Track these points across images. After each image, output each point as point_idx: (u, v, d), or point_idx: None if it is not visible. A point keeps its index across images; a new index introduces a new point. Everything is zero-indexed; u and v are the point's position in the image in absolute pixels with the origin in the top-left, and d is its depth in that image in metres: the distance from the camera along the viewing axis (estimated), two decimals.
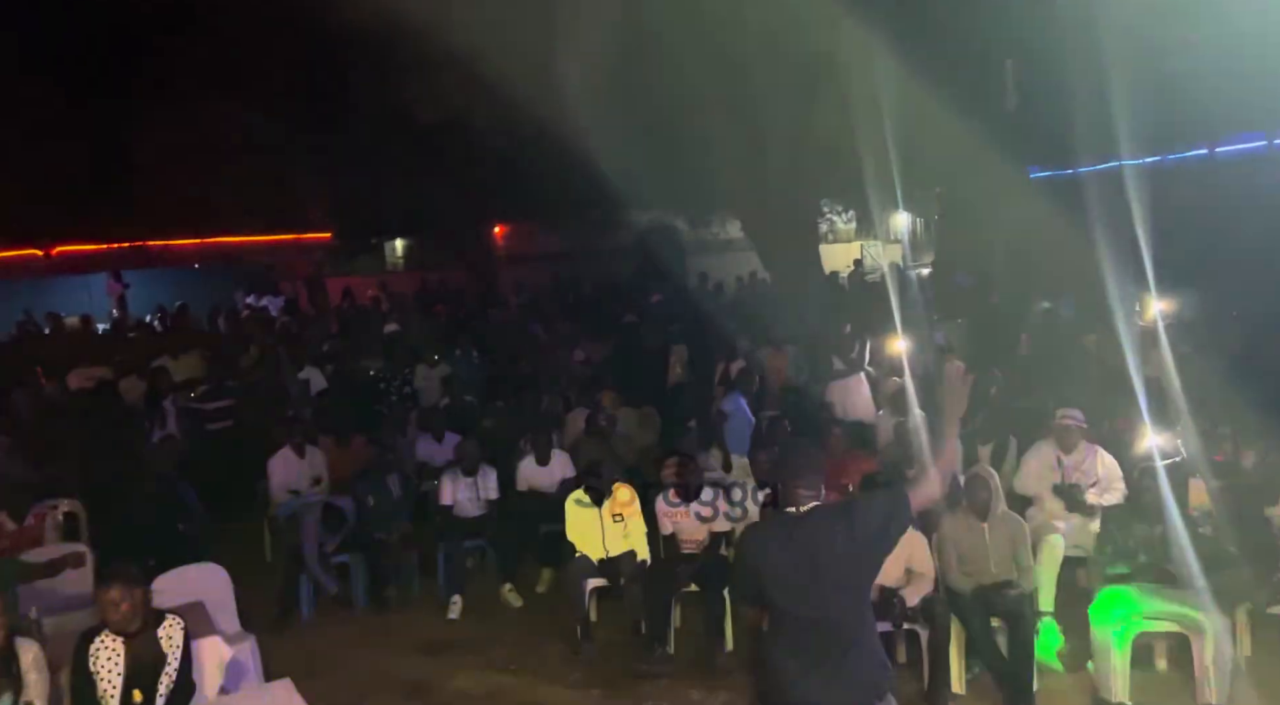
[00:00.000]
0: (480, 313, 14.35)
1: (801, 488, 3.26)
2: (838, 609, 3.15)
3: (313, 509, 6.77)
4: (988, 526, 5.15)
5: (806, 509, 3.24)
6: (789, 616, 3.18)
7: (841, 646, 3.14)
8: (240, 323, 13.82)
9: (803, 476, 3.28)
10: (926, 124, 11.25)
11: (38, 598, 5.18)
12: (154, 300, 17.28)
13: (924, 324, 9.61)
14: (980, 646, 4.93)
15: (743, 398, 7.82)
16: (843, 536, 3.14)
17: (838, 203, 19.49)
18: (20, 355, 11.41)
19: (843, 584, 3.15)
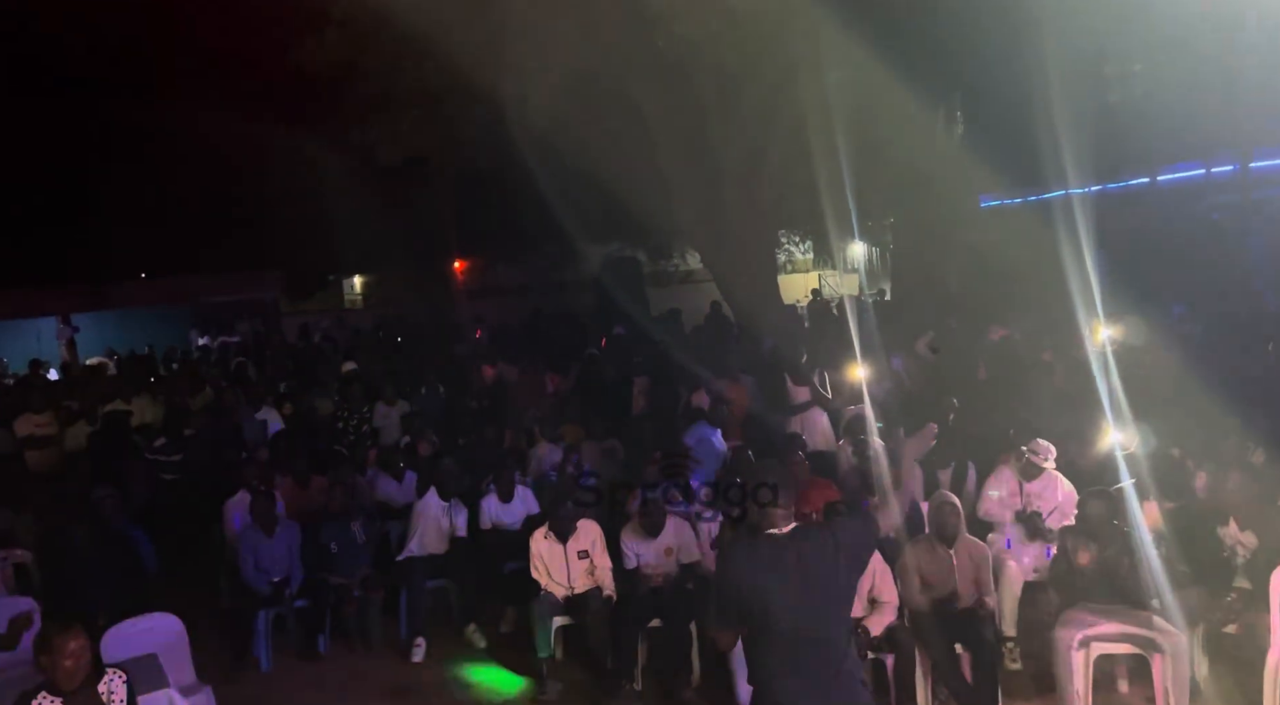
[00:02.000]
0: (441, 348, 14.25)
1: (778, 508, 3.25)
2: (832, 627, 3.19)
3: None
4: (954, 553, 5.19)
5: (789, 529, 3.24)
6: (785, 638, 3.15)
7: (834, 665, 3.17)
8: (194, 363, 13.58)
9: (778, 498, 3.27)
10: (879, 154, 11.50)
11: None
12: (104, 343, 16.92)
13: (881, 352, 9.73)
14: (945, 672, 4.95)
15: (709, 428, 7.82)
16: (830, 556, 3.18)
17: (795, 233, 19.74)
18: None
19: (834, 602, 3.22)
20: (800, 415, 8.13)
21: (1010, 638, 5.51)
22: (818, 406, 8.20)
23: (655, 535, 6.06)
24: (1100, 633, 4.88)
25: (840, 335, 11.26)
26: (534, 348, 12.85)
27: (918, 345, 10.06)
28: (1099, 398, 6.99)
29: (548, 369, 11.06)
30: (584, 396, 9.92)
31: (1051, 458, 6.04)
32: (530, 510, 7.16)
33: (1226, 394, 6.61)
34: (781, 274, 16.22)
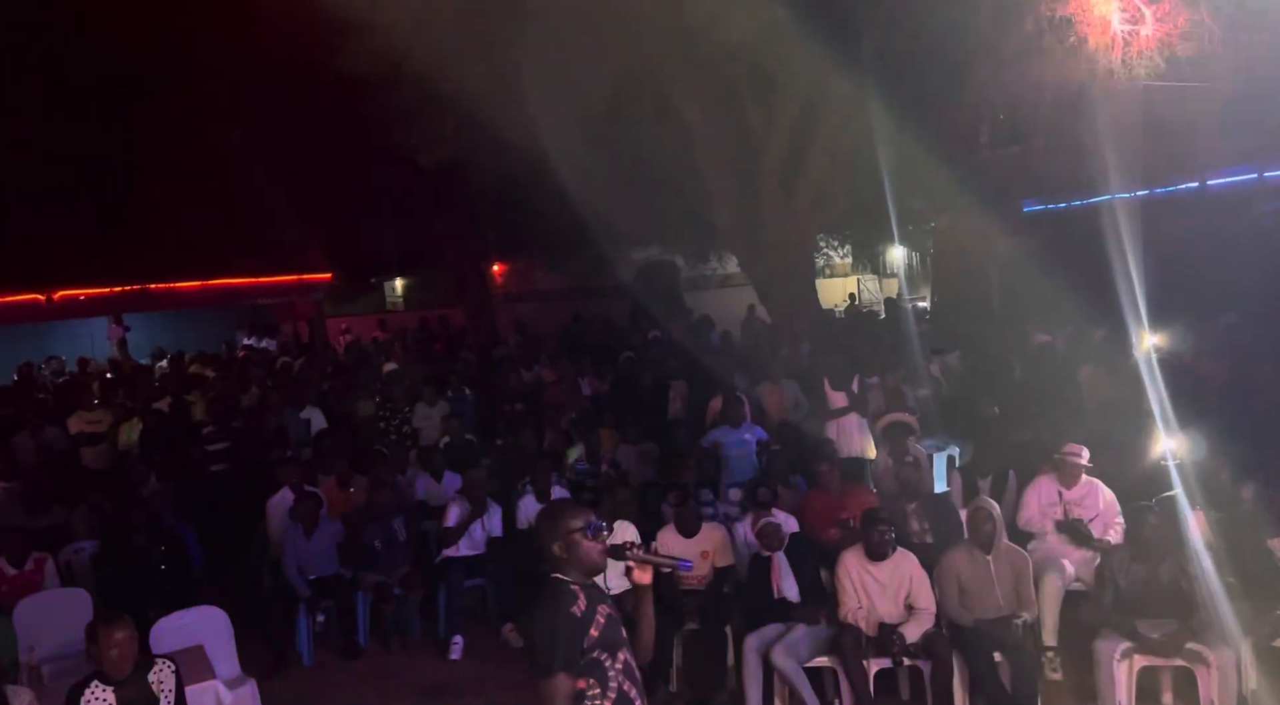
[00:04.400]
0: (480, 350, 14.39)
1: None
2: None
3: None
4: (992, 559, 5.14)
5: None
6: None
7: None
8: (240, 363, 13.87)
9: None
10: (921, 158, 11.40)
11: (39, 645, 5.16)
12: (154, 343, 17.33)
13: (920, 358, 9.65)
14: (984, 681, 4.90)
15: (736, 429, 7.80)
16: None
17: (833, 237, 19.63)
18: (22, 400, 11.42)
19: None
20: (837, 420, 8.09)
21: (1051, 647, 5.44)
22: (855, 412, 8.15)
23: (690, 537, 6.08)
24: (1146, 645, 4.79)
25: (878, 340, 11.20)
26: (571, 351, 12.92)
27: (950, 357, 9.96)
28: (1146, 406, 6.88)
29: (584, 372, 11.12)
30: (620, 400, 9.97)
31: (1085, 454, 5.95)
32: None
33: (1276, 403, 6.46)
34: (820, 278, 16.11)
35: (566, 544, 2.95)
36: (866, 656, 5.06)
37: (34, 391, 12.36)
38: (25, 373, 13.64)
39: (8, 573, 6.02)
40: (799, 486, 7.03)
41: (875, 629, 5.09)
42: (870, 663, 5.06)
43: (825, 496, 6.43)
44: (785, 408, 8.87)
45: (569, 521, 2.99)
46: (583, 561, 2.96)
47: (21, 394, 12.05)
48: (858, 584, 5.19)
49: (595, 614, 2.91)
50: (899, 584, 5.15)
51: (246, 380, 11.57)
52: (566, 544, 2.95)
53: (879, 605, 5.14)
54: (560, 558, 2.96)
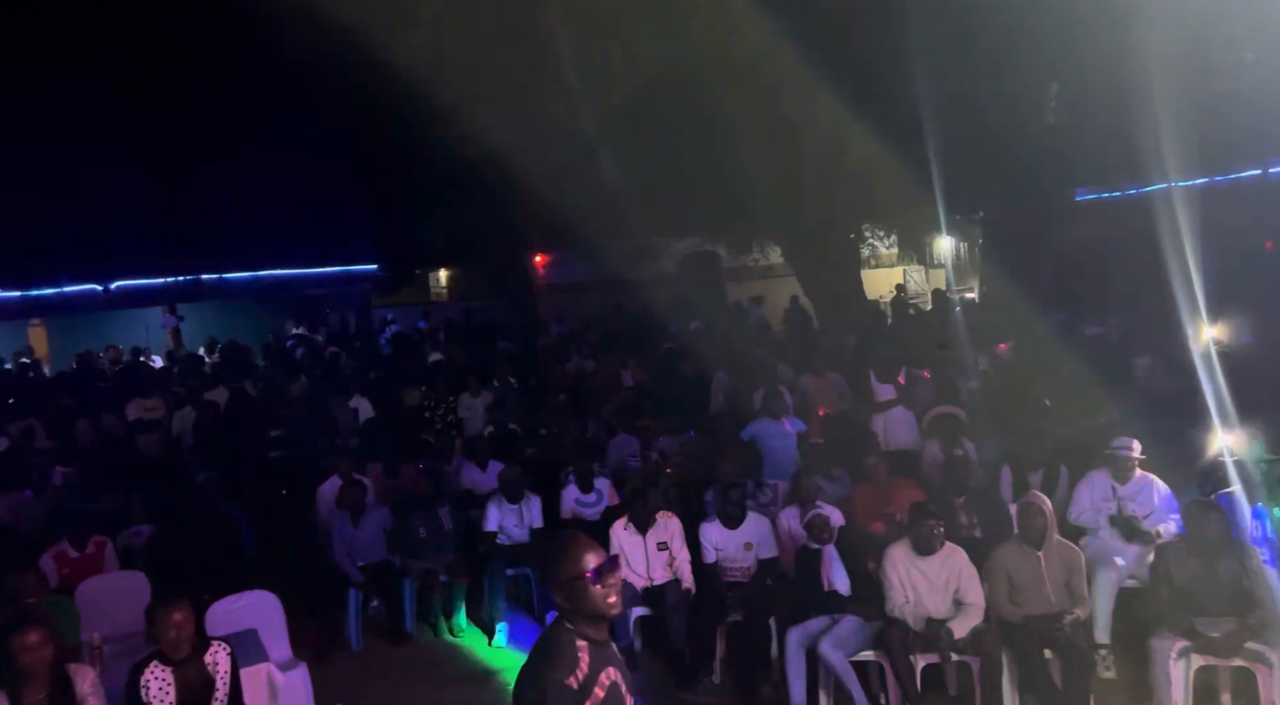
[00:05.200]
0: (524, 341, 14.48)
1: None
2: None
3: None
4: (1043, 555, 5.05)
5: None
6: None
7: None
8: (290, 353, 14.13)
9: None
10: (970, 145, 11.20)
11: (99, 626, 5.30)
12: (207, 332, 17.73)
13: (968, 350, 9.50)
14: (1034, 679, 4.82)
15: (776, 421, 7.75)
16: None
17: (879, 227, 19.40)
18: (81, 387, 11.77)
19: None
20: (884, 413, 8.00)
21: (1104, 645, 5.33)
22: (903, 404, 8.05)
23: (734, 528, 6.06)
24: (1204, 645, 4.67)
25: (925, 332, 11.05)
26: (612, 342, 12.94)
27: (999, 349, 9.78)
28: (1203, 400, 6.70)
29: (625, 363, 11.14)
30: (661, 391, 9.96)
31: (1137, 447, 5.80)
32: (609, 501, 7.24)
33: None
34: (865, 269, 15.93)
35: (569, 592, 2.56)
36: (913, 651, 5.00)
37: (93, 379, 12.72)
38: (85, 361, 14.02)
39: (70, 555, 6.21)
40: (843, 480, 6.98)
41: (922, 624, 5.03)
42: (917, 658, 5.00)
43: (871, 490, 6.37)
44: (830, 400, 8.79)
45: (570, 566, 2.57)
46: (589, 611, 2.56)
47: (82, 382, 12.41)
48: (904, 578, 5.13)
49: (594, 683, 2.51)
50: (947, 579, 5.08)
51: (295, 370, 11.78)
52: (569, 592, 2.56)
53: (926, 600, 5.08)
54: (563, 606, 2.59)
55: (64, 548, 6.22)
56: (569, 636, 2.56)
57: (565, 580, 2.57)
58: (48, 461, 8.08)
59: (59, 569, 6.12)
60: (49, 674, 3.86)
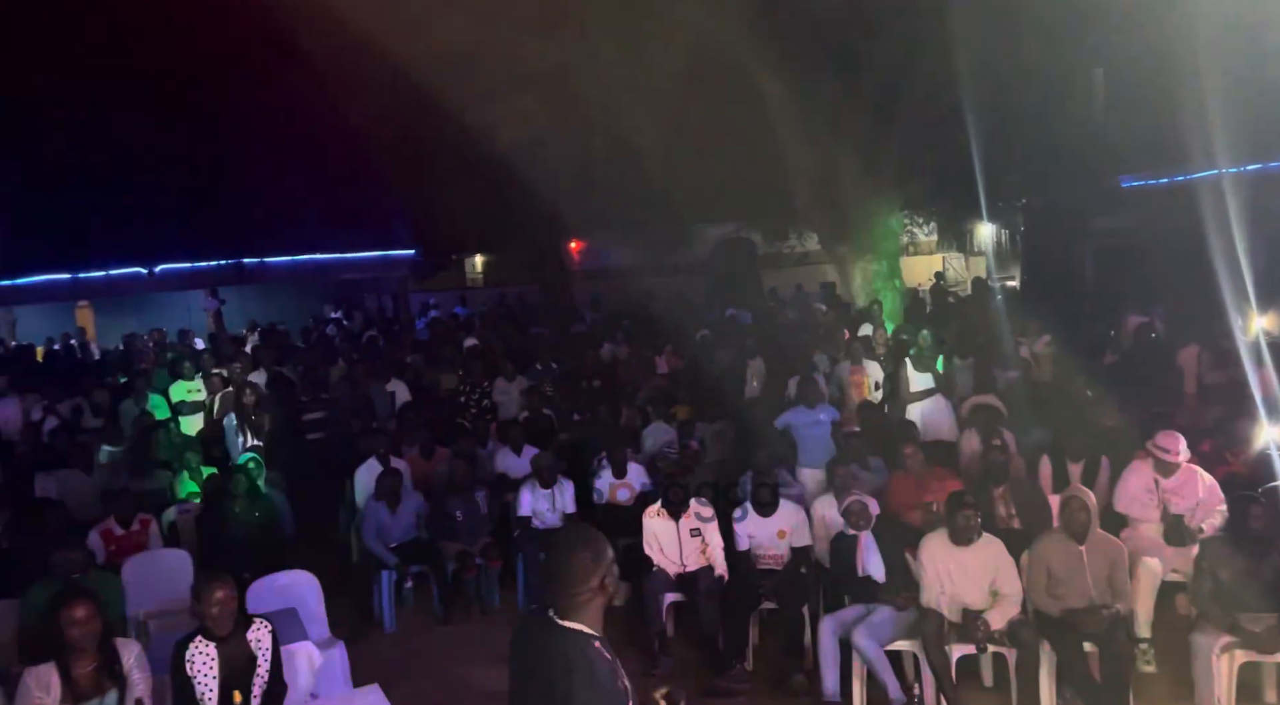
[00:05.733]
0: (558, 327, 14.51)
1: (552, 596, 2.59)
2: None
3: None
4: (1085, 549, 4.97)
5: (553, 616, 2.58)
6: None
7: None
8: (328, 337, 14.30)
9: (549, 586, 2.60)
10: (1013, 131, 11.00)
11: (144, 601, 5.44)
12: (247, 315, 18.02)
13: (1009, 339, 9.35)
14: (1072, 671, 4.75)
15: (811, 410, 7.69)
16: (545, 682, 2.51)
17: (918, 214, 19.14)
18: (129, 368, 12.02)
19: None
20: (922, 403, 7.91)
21: (1144, 639, 5.25)
22: (941, 394, 7.95)
23: (768, 516, 6.04)
24: (1248, 640, 4.58)
25: (965, 321, 10.90)
26: (646, 329, 12.92)
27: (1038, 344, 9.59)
28: (1250, 392, 6.54)
29: (659, 350, 11.12)
30: (696, 378, 9.94)
31: (1181, 448, 5.66)
32: (643, 488, 7.25)
33: None
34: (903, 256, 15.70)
35: (600, 587, 2.55)
36: (949, 642, 4.96)
37: (139, 361, 12.98)
38: (131, 343, 14.31)
39: (116, 532, 6.36)
40: (879, 469, 6.92)
41: (959, 614, 4.99)
42: (953, 648, 4.96)
43: (908, 479, 6.31)
44: (866, 388, 8.72)
45: (606, 562, 2.58)
46: (601, 609, 2.59)
47: (128, 363, 12.67)
48: (941, 569, 5.08)
49: (617, 676, 2.55)
50: (984, 570, 5.02)
51: (334, 353, 11.92)
52: (600, 587, 2.55)
53: (963, 591, 5.03)
54: (581, 601, 2.55)
55: (110, 525, 6.37)
56: (588, 640, 2.54)
57: (602, 575, 2.57)
58: (94, 440, 8.27)
59: (106, 546, 6.28)
60: (97, 647, 3.96)
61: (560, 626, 2.54)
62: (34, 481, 7.51)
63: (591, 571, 2.56)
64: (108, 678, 3.97)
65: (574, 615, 2.54)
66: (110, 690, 3.96)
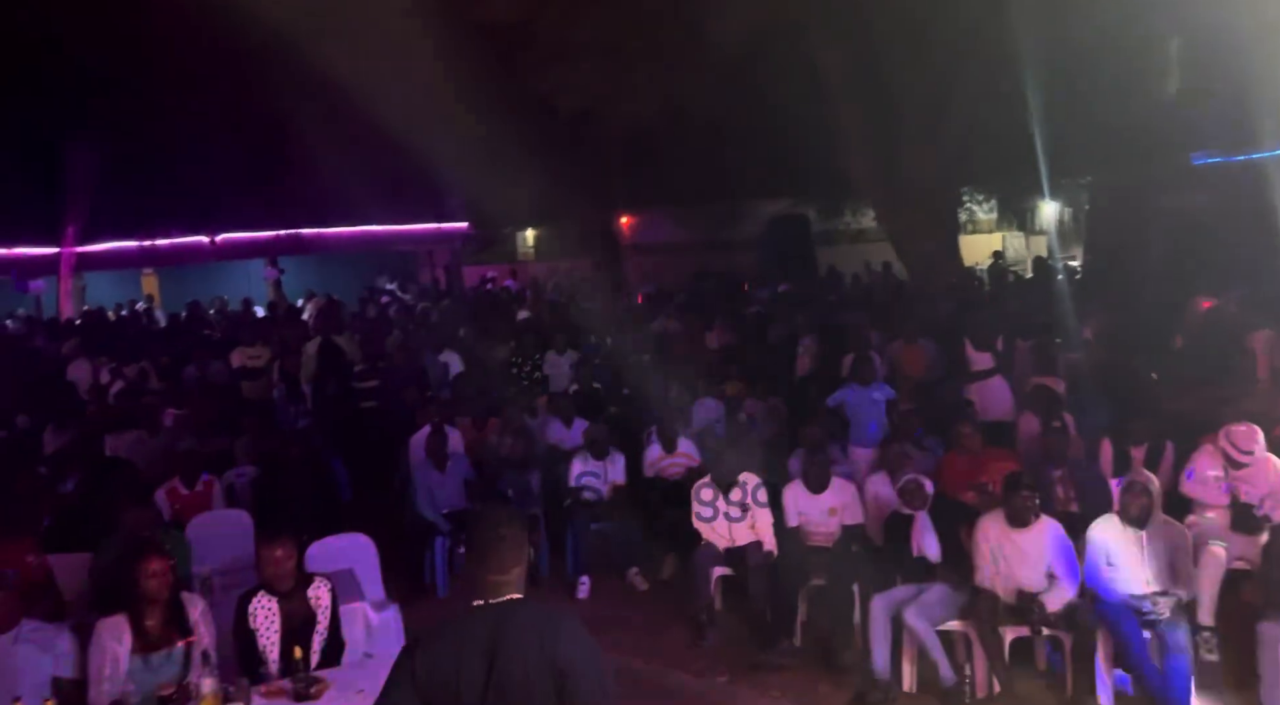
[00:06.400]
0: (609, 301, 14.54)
1: (491, 573, 2.52)
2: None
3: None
4: (1145, 534, 4.85)
5: (501, 601, 2.52)
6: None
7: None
8: (384, 308, 14.52)
9: (490, 559, 2.53)
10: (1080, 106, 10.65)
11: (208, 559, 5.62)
12: (305, 285, 18.38)
13: (1071, 320, 9.12)
14: (1130, 657, 4.66)
15: (865, 388, 7.59)
16: (535, 653, 2.43)
17: (978, 191, 18.71)
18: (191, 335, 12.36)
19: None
20: (980, 383, 7.76)
21: (1207, 627, 5.11)
22: (1000, 375, 7.79)
23: (818, 492, 6.01)
24: None
25: (1025, 301, 10.66)
26: (697, 304, 12.88)
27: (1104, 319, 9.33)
28: None
29: (710, 325, 11.07)
30: (746, 354, 9.88)
31: (1257, 441, 5.46)
32: (692, 462, 7.26)
33: None
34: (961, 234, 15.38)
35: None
36: (1003, 624, 4.89)
37: (201, 328, 13.33)
38: (194, 310, 14.70)
39: (181, 492, 6.56)
40: (933, 449, 6.83)
41: (1013, 596, 4.91)
42: (1006, 630, 4.89)
43: (964, 459, 6.21)
44: (921, 367, 8.59)
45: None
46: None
47: (191, 330, 13.02)
48: (996, 550, 5.01)
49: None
50: (1041, 552, 4.93)
51: (389, 324, 12.11)
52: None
53: (1018, 572, 4.95)
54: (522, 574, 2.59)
55: (176, 484, 6.57)
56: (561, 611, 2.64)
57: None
58: (160, 404, 8.52)
59: (171, 505, 6.47)
60: (166, 600, 4.10)
61: (534, 606, 2.56)
62: (104, 442, 7.77)
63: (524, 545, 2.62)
64: (175, 630, 4.11)
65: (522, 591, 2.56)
66: (178, 642, 4.10)
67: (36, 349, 10.74)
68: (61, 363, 10.35)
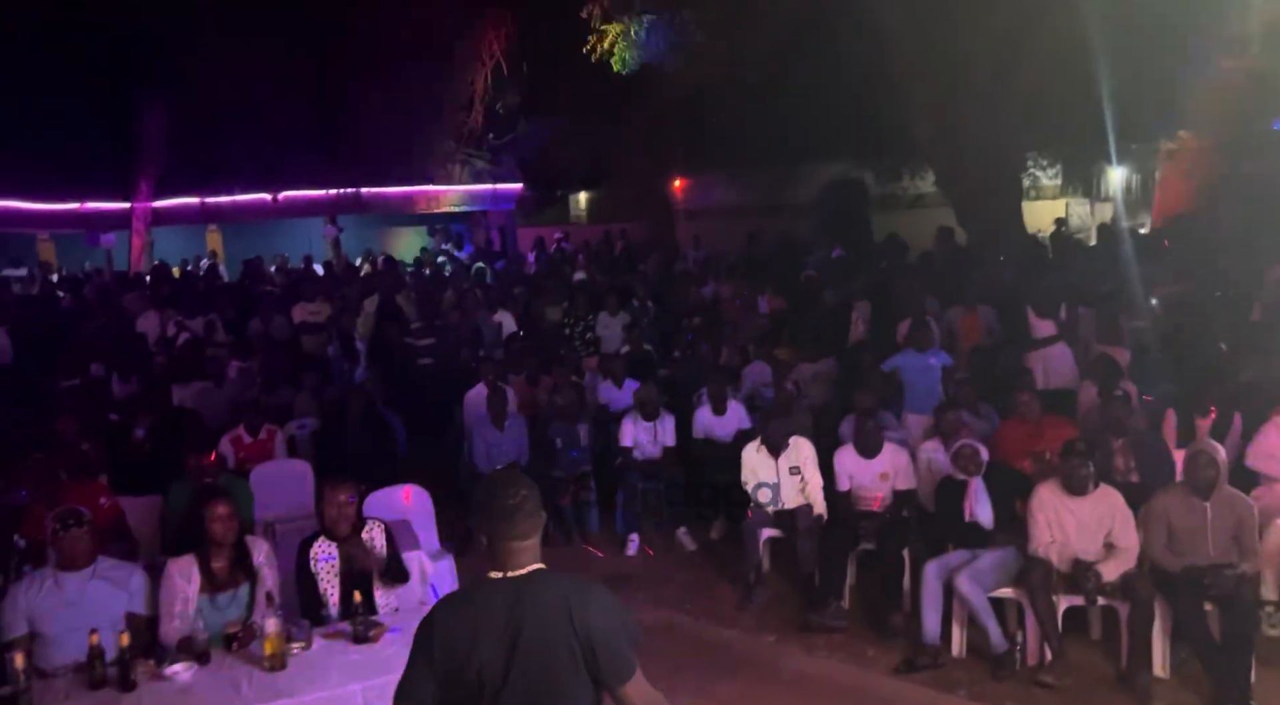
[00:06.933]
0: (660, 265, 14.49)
1: (511, 539, 2.42)
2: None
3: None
4: (1209, 506, 4.73)
5: (522, 573, 2.44)
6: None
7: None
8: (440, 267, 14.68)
9: (506, 525, 2.42)
10: (1154, 66, 10.22)
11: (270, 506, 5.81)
12: (363, 244, 18.64)
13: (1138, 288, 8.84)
14: (1189, 630, 4.57)
15: (921, 354, 7.47)
16: (563, 626, 2.35)
17: (1043, 156, 18.12)
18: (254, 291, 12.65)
19: (544, 683, 2.34)
20: (1042, 350, 7.59)
21: (1271, 602, 5.00)
22: (1063, 342, 7.61)
23: (870, 457, 5.97)
24: None
25: (1090, 268, 10.36)
26: (750, 268, 12.76)
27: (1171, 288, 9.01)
28: None
29: (762, 289, 10.98)
30: (799, 319, 9.79)
31: None
32: (742, 424, 7.26)
33: None
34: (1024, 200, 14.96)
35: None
36: (1057, 592, 4.84)
37: (263, 283, 13.63)
38: (256, 267, 15.03)
39: (245, 440, 6.77)
40: (990, 416, 6.72)
41: (1068, 564, 4.84)
42: (1060, 599, 4.84)
43: (1021, 427, 6.10)
44: (979, 334, 8.42)
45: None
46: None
47: (252, 286, 13.32)
48: (1052, 518, 4.94)
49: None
50: (1099, 521, 4.85)
51: (445, 283, 12.24)
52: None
53: (1075, 541, 4.87)
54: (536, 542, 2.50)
55: (240, 433, 6.78)
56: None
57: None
58: (224, 355, 8.77)
59: (235, 453, 6.69)
60: (233, 543, 4.25)
61: (559, 576, 2.45)
62: (171, 392, 8.03)
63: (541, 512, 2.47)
64: (241, 572, 4.26)
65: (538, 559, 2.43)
66: (243, 583, 4.25)
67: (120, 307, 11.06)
68: (130, 315, 10.68)
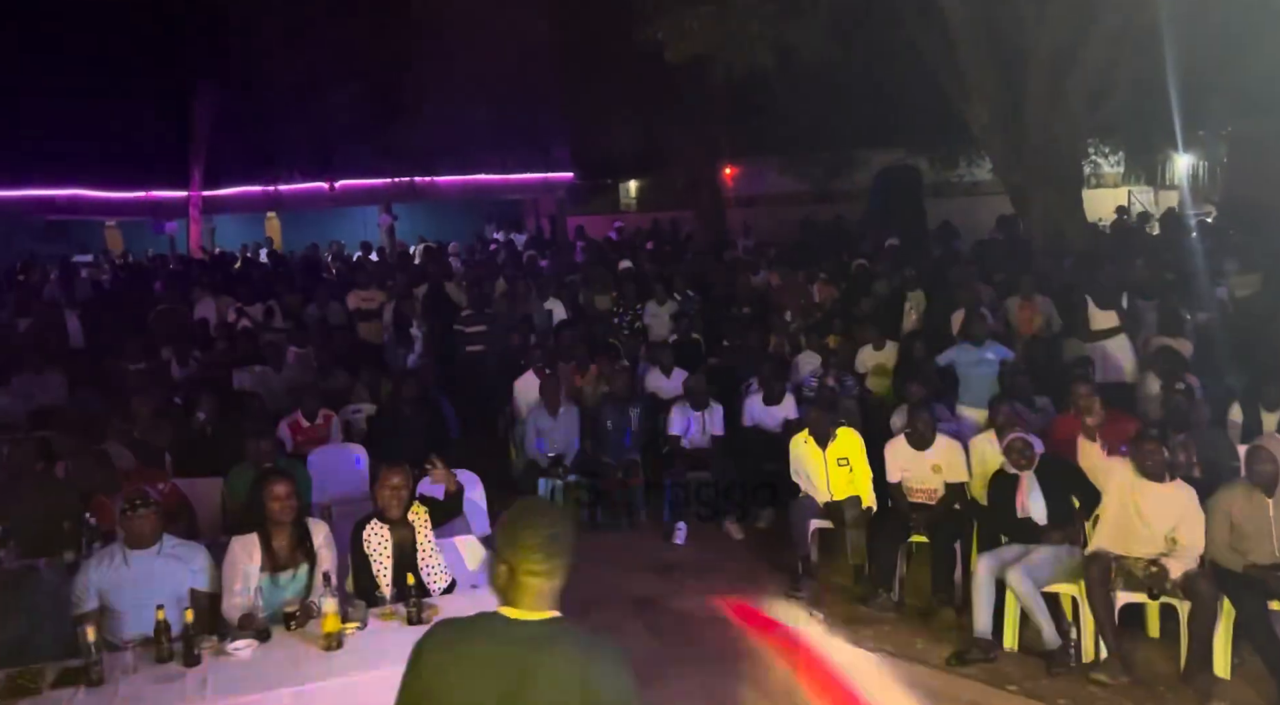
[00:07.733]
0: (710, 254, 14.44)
1: (536, 575, 2.13)
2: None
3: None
4: (1273, 502, 4.60)
5: (538, 620, 2.12)
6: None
7: None
8: (491, 255, 14.83)
9: (532, 555, 2.13)
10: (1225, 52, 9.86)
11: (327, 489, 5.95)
12: (417, 232, 18.91)
13: (1203, 279, 8.59)
14: (1253, 630, 4.46)
15: (977, 347, 7.33)
16: (575, 690, 2.01)
17: (1105, 143, 17.63)
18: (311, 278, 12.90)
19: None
20: (1103, 342, 7.41)
21: None
22: (1125, 333, 7.42)
23: (923, 449, 5.90)
24: None
25: (1153, 258, 10.10)
26: (802, 256, 12.65)
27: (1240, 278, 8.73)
28: None
29: (813, 278, 10.89)
30: (851, 308, 9.70)
31: None
32: (790, 414, 7.23)
33: None
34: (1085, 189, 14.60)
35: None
36: (1114, 588, 4.74)
37: (320, 270, 13.90)
38: (312, 254, 15.34)
39: (302, 424, 6.93)
40: (1047, 409, 6.59)
41: (1130, 558, 4.74)
42: (1118, 595, 4.74)
43: (1078, 420, 5.97)
44: (1036, 324, 8.26)
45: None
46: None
47: (309, 272, 13.59)
48: (1121, 502, 4.83)
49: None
50: (1167, 512, 4.74)
51: (495, 271, 12.36)
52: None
53: (1139, 531, 4.76)
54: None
55: (298, 417, 6.93)
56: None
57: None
58: (283, 341, 8.97)
59: (293, 436, 6.84)
60: (293, 523, 4.37)
61: (576, 632, 2.11)
62: (232, 376, 8.25)
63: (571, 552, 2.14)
64: (301, 552, 4.38)
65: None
66: (303, 563, 4.37)
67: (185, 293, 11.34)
68: (191, 301, 10.98)
